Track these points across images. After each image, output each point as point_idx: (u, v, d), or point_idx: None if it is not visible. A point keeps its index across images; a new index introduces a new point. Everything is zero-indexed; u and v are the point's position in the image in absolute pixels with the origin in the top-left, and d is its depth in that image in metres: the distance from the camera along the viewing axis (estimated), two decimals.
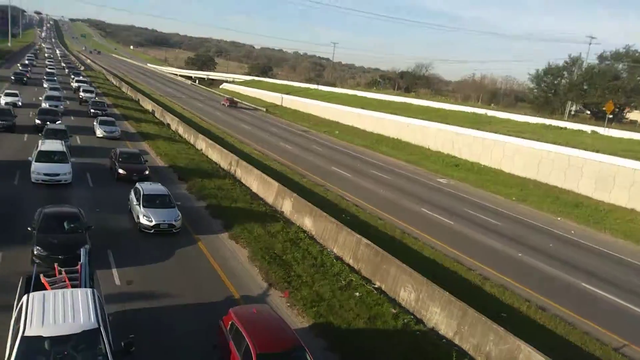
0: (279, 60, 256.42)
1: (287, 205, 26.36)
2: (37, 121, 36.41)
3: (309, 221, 24.22)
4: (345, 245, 21.43)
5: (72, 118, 44.98)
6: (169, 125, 50.30)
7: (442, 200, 35.12)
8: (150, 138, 40.91)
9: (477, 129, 52.56)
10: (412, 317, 16.41)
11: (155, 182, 23.69)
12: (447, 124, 56.42)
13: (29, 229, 16.62)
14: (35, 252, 15.70)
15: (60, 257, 15.23)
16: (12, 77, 63.82)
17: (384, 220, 28.41)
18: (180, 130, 46.85)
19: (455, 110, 68.30)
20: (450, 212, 31.95)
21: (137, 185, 22.21)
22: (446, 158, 51.66)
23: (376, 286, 18.68)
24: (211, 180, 30.04)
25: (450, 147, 53.65)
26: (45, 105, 43.22)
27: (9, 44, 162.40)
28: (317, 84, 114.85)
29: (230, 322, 12.08)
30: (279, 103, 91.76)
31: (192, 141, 42.94)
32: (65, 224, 16.96)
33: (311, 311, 15.85)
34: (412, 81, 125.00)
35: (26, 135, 34.75)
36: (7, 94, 46.01)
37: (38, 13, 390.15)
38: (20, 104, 45.24)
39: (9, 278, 14.50)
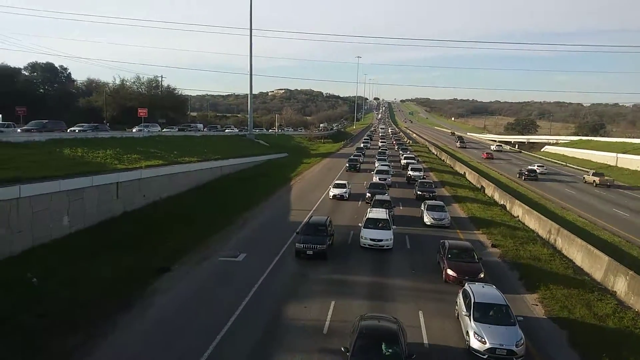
0: (613, 116, 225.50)
1: (621, 284, 22.06)
2: (368, 194, 41.21)
3: None
4: None
5: (397, 188, 49.84)
6: (490, 195, 50.15)
7: None
8: (483, 224, 34.61)
9: None
10: None
11: (489, 284, 19.43)
12: None
13: (342, 349, 14.33)
14: None
15: None
16: (347, 165, 63.79)
17: None
18: (496, 196, 46.11)
19: None
20: None
21: (467, 287, 18.49)
22: None
23: None
24: (524, 247, 28.33)
25: None
26: (375, 179, 49.09)
27: (354, 127, 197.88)
28: None
29: None
30: (612, 163, 79.61)
31: (508, 207, 41.60)
32: (383, 346, 13.96)
33: None
34: None
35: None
36: (336, 185, 43.90)
37: (376, 99, 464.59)
38: (347, 195, 42.48)
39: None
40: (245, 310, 18.82)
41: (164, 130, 63.44)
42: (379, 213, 29.72)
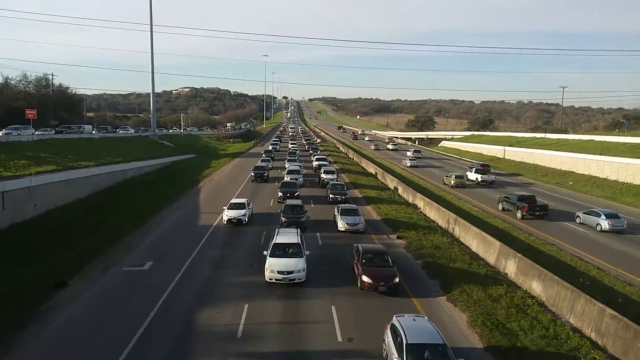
0: (500, 113, 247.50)
1: (511, 266, 24.31)
2: (280, 193, 41.32)
3: (537, 285, 21.79)
4: (584, 315, 18.48)
5: (309, 187, 49.63)
6: (394, 188, 52.44)
7: None
8: (394, 224, 33.90)
9: None
10: None
11: (420, 316, 16.57)
12: None
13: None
14: None
15: None
16: (252, 174, 53.61)
17: (637, 287, 23.63)
18: (400, 190, 48.43)
19: None
20: None
21: (395, 321, 15.45)
22: None
23: None
24: (426, 237, 30.03)
25: None
26: (287, 178, 48.69)
27: (264, 126, 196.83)
28: (545, 132, 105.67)
29: None
30: (500, 156, 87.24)
31: (410, 200, 43.90)
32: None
33: None
34: None
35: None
36: (232, 206, 34.01)
37: (285, 98, 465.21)
38: (246, 219, 33.08)
39: None
40: (154, 321, 17.99)
41: (36, 133, 53.42)
42: (289, 235, 24.65)
